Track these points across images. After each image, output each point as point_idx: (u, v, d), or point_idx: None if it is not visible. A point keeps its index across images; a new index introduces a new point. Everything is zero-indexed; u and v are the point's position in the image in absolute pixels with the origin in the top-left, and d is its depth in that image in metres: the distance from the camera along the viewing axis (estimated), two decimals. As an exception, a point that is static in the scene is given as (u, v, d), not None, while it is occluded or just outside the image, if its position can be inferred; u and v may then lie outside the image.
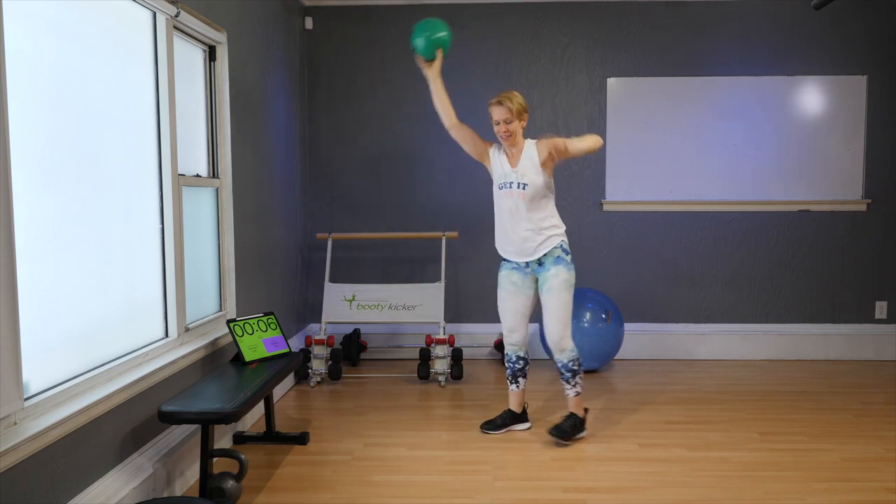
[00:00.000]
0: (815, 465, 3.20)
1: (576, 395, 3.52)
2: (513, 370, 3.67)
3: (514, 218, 3.48)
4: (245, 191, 3.91)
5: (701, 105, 5.13)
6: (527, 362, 3.67)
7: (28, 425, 2.09)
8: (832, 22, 5.06)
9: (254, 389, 2.88)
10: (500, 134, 3.47)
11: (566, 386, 3.52)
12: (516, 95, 3.46)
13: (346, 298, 4.76)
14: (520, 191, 3.45)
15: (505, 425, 3.68)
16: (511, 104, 3.41)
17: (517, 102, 3.43)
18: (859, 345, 5.19)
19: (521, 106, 3.45)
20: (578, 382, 3.51)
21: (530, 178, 3.44)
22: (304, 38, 5.18)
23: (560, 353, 3.47)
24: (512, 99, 3.42)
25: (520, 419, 3.71)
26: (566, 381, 3.51)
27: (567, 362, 3.47)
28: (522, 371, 3.67)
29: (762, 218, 5.19)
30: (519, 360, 3.65)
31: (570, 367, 3.48)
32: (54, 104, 2.32)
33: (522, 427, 3.71)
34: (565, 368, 3.49)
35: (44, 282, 2.27)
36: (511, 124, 3.43)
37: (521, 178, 3.45)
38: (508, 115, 3.41)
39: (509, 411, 3.71)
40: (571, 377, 3.49)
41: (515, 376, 3.67)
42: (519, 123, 3.45)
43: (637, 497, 2.88)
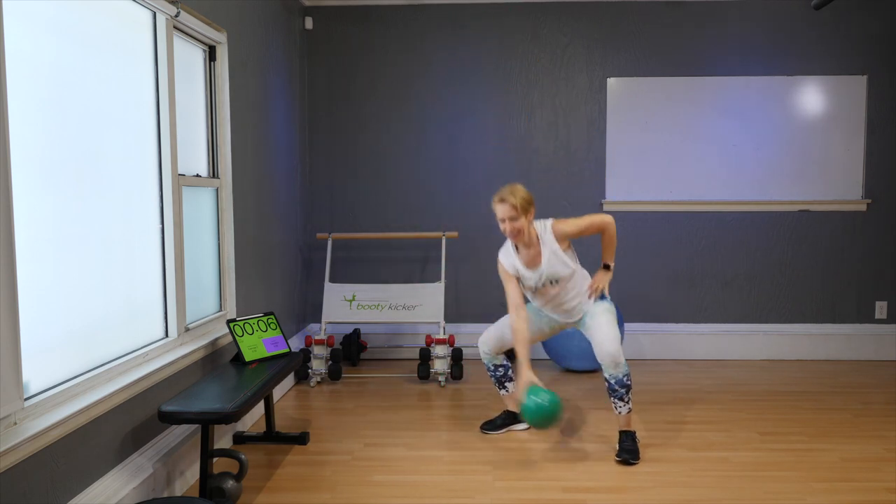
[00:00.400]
0: (815, 465, 3.20)
1: (628, 413, 3.38)
2: (496, 377, 3.67)
3: (553, 303, 3.47)
4: (245, 191, 3.91)
5: (701, 105, 5.13)
6: (507, 367, 3.68)
7: (28, 425, 2.09)
8: (832, 22, 5.06)
9: (254, 389, 2.88)
10: (507, 233, 3.30)
11: (619, 403, 3.36)
12: (518, 190, 3.27)
13: (346, 298, 4.76)
14: (553, 286, 3.40)
15: (505, 425, 3.69)
16: (514, 200, 3.22)
17: (520, 197, 3.24)
18: (859, 345, 5.19)
19: (525, 200, 3.26)
20: (630, 399, 3.37)
21: (558, 269, 3.35)
22: (304, 38, 5.18)
23: (615, 367, 3.30)
24: (515, 194, 3.24)
25: (518, 419, 3.71)
26: (619, 399, 3.35)
27: (622, 377, 3.32)
28: (506, 375, 3.67)
29: (762, 218, 5.19)
30: (497, 367, 3.65)
31: (624, 382, 3.32)
32: (54, 104, 2.32)
33: (522, 426, 3.72)
34: (619, 385, 3.32)
35: (44, 282, 2.27)
36: (517, 222, 3.24)
37: (552, 276, 3.36)
38: (513, 212, 3.23)
39: (508, 412, 3.72)
40: (626, 393, 3.34)
41: (501, 382, 3.68)
42: (525, 219, 3.26)
43: (637, 497, 2.88)
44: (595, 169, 5.20)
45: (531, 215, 3.30)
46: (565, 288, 3.41)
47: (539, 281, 3.38)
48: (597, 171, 5.20)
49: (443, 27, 5.17)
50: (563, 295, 3.43)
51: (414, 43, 5.20)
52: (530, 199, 3.30)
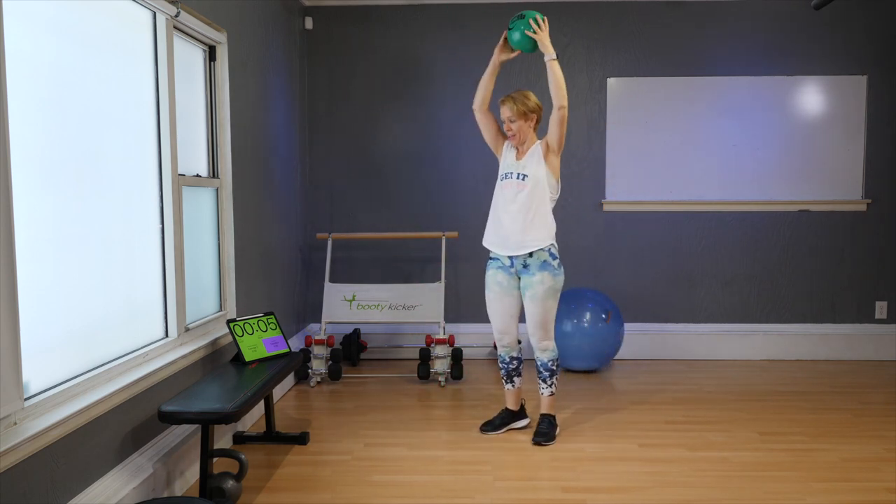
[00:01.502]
0: (815, 465, 3.20)
1: (550, 395, 3.58)
2: (507, 370, 3.68)
3: (507, 208, 3.48)
4: (245, 191, 3.91)
5: (701, 105, 5.13)
6: (521, 361, 3.69)
7: (28, 425, 2.09)
8: (832, 22, 5.06)
9: (254, 389, 2.88)
10: (506, 131, 3.53)
11: (542, 385, 3.56)
12: (527, 95, 3.49)
13: (346, 298, 4.76)
14: (518, 181, 3.47)
15: (504, 424, 3.69)
16: (514, 104, 3.45)
17: (522, 103, 3.45)
18: (859, 345, 5.19)
19: (527, 107, 3.46)
20: (555, 383, 3.57)
21: (531, 169, 3.46)
22: (304, 38, 5.18)
23: (542, 352, 3.51)
24: (517, 99, 3.46)
25: (518, 416, 3.72)
26: (543, 381, 3.56)
27: (547, 361, 3.52)
28: (517, 370, 3.68)
29: (762, 218, 5.19)
30: (513, 360, 3.66)
31: (549, 366, 3.53)
32: (54, 104, 2.32)
33: (522, 424, 3.72)
34: (544, 367, 3.53)
35: (44, 282, 2.27)
36: (514, 123, 3.46)
37: (523, 170, 3.47)
38: (511, 114, 3.46)
39: (507, 410, 3.72)
40: (549, 376, 3.54)
41: (510, 376, 3.68)
42: (525, 124, 3.47)
43: (637, 497, 2.88)
44: (595, 169, 5.20)
45: (531, 122, 3.49)
46: (526, 195, 3.43)
47: (510, 168, 3.51)
48: (597, 171, 5.20)
49: (443, 27, 5.17)
50: (516, 203, 3.44)
51: (414, 43, 5.20)
52: (535, 107, 3.49)
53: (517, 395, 3.71)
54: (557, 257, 3.49)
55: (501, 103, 3.49)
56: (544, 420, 3.57)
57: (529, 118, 3.48)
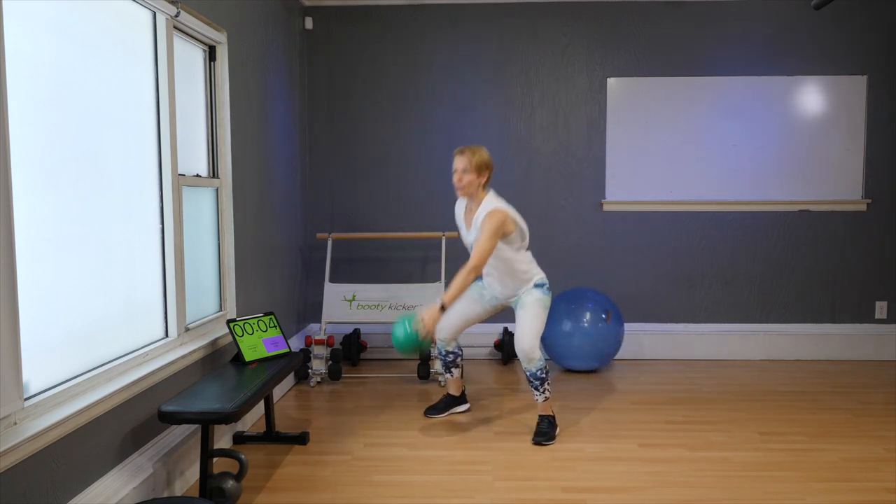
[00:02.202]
0: (815, 465, 3.20)
1: (545, 401, 3.61)
2: (445, 362, 3.89)
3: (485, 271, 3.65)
4: (245, 191, 3.91)
5: (701, 105, 5.13)
6: (458, 354, 3.87)
7: (28, 425, 2.09)
8: (832, 22, 5.06)
9: (254, 389, 2.88)
10: (455, 182, 3.53)
11: (535, 393, 3.61)
12: (480, 151, 3.51)
13: (346, 298, 4.76)
14: None
15: (448, 408, 3.96)
16: (472, 156, 3.47)
17: (477, 157, 3.48)
18: (859, 345, 5.19)
19: (482, 162, 3.48)
20: (547, 389, 3.59)
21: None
22: (304, 38, 5.18)
23: (528, 362, 3.53)
24: (474, 153, 3.49)
25: (459, 402, 3.99)
26: (535, 389, 3.59)
27: (535, 371, 3.54)
28: (454, 362, 3.88)
29: (762, 218, 5.19)
30: (448, 353, 3.86)
31: (538, 375, 3.55)
32: (54, 104, 2.32)
33: (462, 409, 4.00)
34: (534, 377, 3.56)
35: (44, 282, 2.27)
36: (466, 174, 3.48)
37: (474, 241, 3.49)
38: (466, 164, 3.47)
39: (449, 395, 3.96)
40: (539, 385, 3.57)
41: (448, 367, 3.89)
42: (475, 178, 3.48)
43: (637, 497, 2.88)
44: (595, 169, 5.20)
45: (483, 177, 3.52)
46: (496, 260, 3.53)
47: (466, 238, 3.64)
48: (597, 171, 5.20)
49: (443, 27, 5.17)
50: (495, 266, 3.57)
51: (414, 43, 5.20)
52: (487, 163, 3.52)
53: (457, 383, 3.96)
54: (545, 283, 3.63)
55: (457, 154, 3.51)
56: (543, 420, 3.60)
57: (482, 174, 3.50)
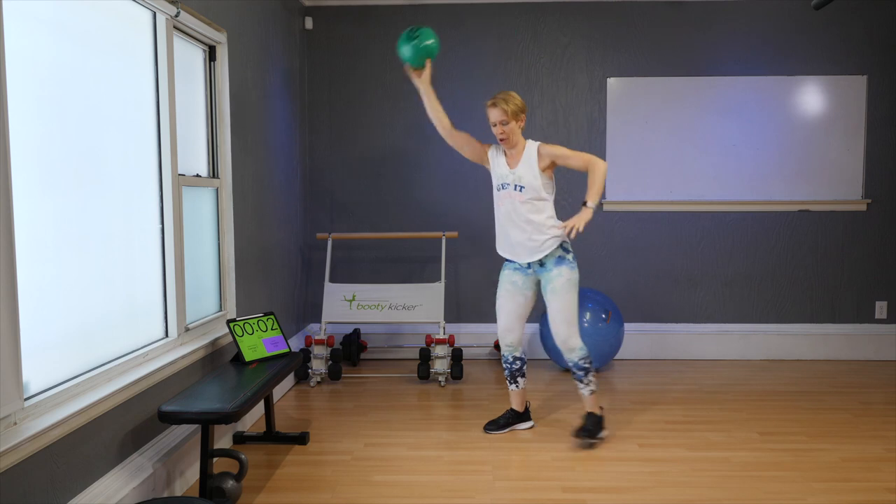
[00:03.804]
0: (815, 465, 3.20)
1: (591, 394, 3.50)
2: (510, 370, 3.66)
3: (512, 220, 3.45)
4: (245, 191, 3.91)
5: (701, 105, 5.13)
6: (524, 362, 3.66)
7: (28, 425, 2.09)
8: (832, 22, 5.06)
9: (254, 389, 2.88)
10: (497, 135, 3.43)
11: (580, 385, 3.49)
12: (513, 96, 3.40)
13: (346, 298, 4.76)
14: (517, 192, 3.42)
15: (508, 425, 3.69)
16: (506, 106, 3.36)
17: (513, 104, 3.38)
18: (859, 345, 5.19)
19: (518, 107, 3.39)
20: (592, 380, 3.48)
21: (528, 180, 3.40)
22: (304, 38, 5.18)
23: (570, 352, 3.44)
24: (507, 100, 3.38)
25: (522, 418, 3.72)
26: (579, 381, 3.48)
27: (578, 360, 3.44)
28: (521, 371, 3.66)
29: (762, 218, 5.19)
30: (516, 360, 3.64)
31: (581, 365, 3.44)
32: (54, 104, 2.32)
33: (526, 426, 3.72)
34: (577, 367, 3.46)
35: (44, 282, 2.27)
36: (507, 126, 3.38)
37: (519, 181, 3.42)
38: (504, 116, 3.37)
39: (512, 411, 3.71)
40: (584, 375, 3.46)
41: (514, 376, 3.66)
42: (516, 125, 3.40)
43: (637, 497, 2.88)
44: (595, 169, 5.19)
45: (521, 121, 3.43)
46: (527, 206, 3.41)
47: (506, 177, 3.46)
48: (597, 171, 5.19)
49: (442, 27, 5.17)
50: (519, 214, 3.42)
51: (414, 43, 5.19)
52: (523, 106, 3.44)
53: (522, 396, 3.70)
54: (571, 251, 3.48)
55: (491, 106, 3.40)
56: (590, 417, 3.51)
57: (520, 119, 3.42)
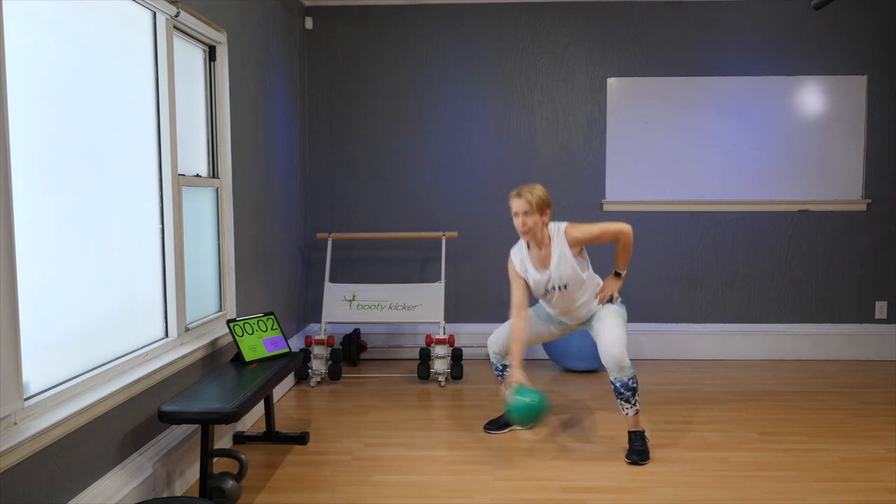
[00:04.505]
0: (815, 465, 3.20)
1: (636, 413, 3.39)
2: (502, 375, 3.70)
3: (561, 307, 3.48)
4: (245, 191, 3.91)
5: (701, 105, 5.12)
6: None
7: (28, 425, 2.09)
8: (832, 22, 5.06)
9: (254, 389, 2.88)
10: (518, 227, 3.33)
11: (626, 406, 3.37)
12: (537, 189, 3.32)
13: (346, 298, 4.76)
14: (562, 291, 3.41)
15: (508, 425, 3.69)
16: (531, 197, 3.27)
17: (537, 196, 3.29)
18: (859, 345, 5.19)
19: (542, 200, 3.30)
20: (637, 400, 3.37)
21: (568, 275, 3.35)
22: (304, 38, 5.18)
23: (620, 371, 3.31)
24: (532, 192, 3.29)
25: None
26: (626, 401, 3.35)
27: (627, 381, 3.32)
28: None
29: (762, 218, 5.19)
30: (505, 367, 3.67)
31: (629, 385, 3.32)
32: (54, 104, 2.32)
33: None
34: (625, 388, 3.32)
35: (44, 282, 2.27)
36: (530, 217, 3.28)
37: (560, 280, 3.37)
38: (528, 207, 3.27)
39: None
40: (631, 396, 3.34)
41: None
42: (539, 218, 3.30)
43: (637, 497, 2.88)
44: (595, 169, 5.20)
45: (547, 216, 3.34)
46: (574, 295, 3.42)
47: (547, 283, 3.40)
48: (597, 170, 5.20)
49: (442, 27, 5.17)
50: (571, 301, 3.44)
51: (414, 43, 5.19)
52: (548, 200, 3.34)
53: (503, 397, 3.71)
54: (619, 297, 3.50)
55: (514, 196, 3.31)
56: (637, 437, 3.37)
57: (544, 212, 3.33)
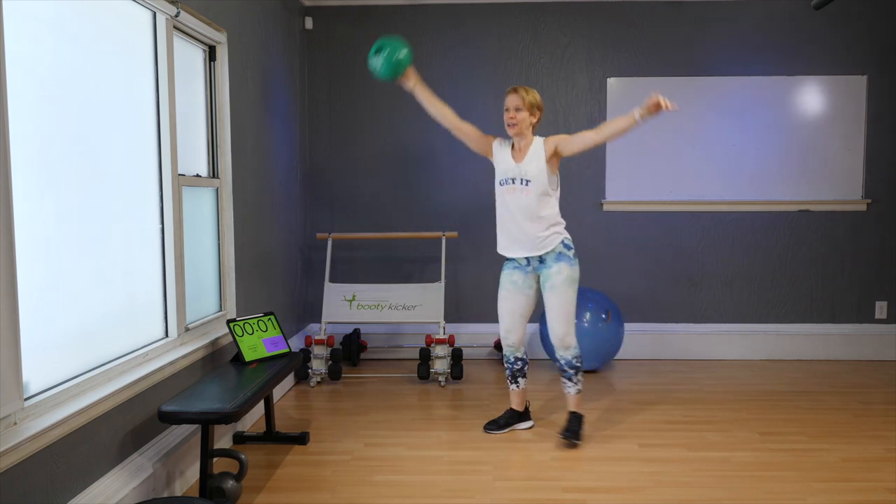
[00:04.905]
0: (815, 465, 3.20)
1: (577, 393, 3.53)
2: (511, 370, 3.66)
3: (515, 215, 3.45)
4: (245, 191, 3.91)
5: (701, 105, 5.12)
6: (525, 362, 3.67)
7: (28, 425, 2.09)
8: (832, 22, 5.06)
9: (254, 389, 2.88)
10: (507, 120, 3.44)
11: (568, 384, 3.51)
12: (533, 91, 3.47)
13: (346, 298, 4.76)
14: (523, 187, 3.42)
15: (508, 425, 3.69)
16: (525, 94, 3.42)
17: (532, 95, 3.44)
18: (859, 345, 5.19)
19: (535, 101, 3.45)
20: (580, 380, 3.51)
21: (534, 174, 3.41)
22: (304, 38, 5.18)
23: (564, 349, 3.45)
24: (528, 91, 3.44)
25: (522, 418, 3.72)
26: (568, 379, 3.50)
27: (571, 359, 3.46)
28: (522, 371, 3.66)
29: (762, 218, 5.19)
30: (517, 360, 3.64)
31: (573, 363, 3.47)
32: (54, 104, 2.32)
33: (525, 426, 3.72)
34: (568, 366, 3.47)
35: (44, 282, 2.27)
36: (520, 112, 3.41)
37: (525, 174, 3.42)
38: (519, 103, 3.41)
39: (512, 410, 3.71)
40: (574, 374, 3.49)
41: (515, 376, 3.66)
42: (528, 116, 3.42)
43: (637, 497, 2.88)
44: (595, 169, 5.20)
45: (535, 118, 3.46)
46: (531, 202, 3.41)
47: (510, 173, 3.45)
48: (597, 171, 5.20)
49: (442, 27, 5.17)
50: (526, 211, 3.41)
51: (414, 43, 5.18)
52: (540, 104, 3.48)
53: (522, 396, 3.70)
54: (572, 248, 3.49)
55: (510, 92, 3.44)
56: (574, 418, 3.53)
57: (534, 113, 3.45)
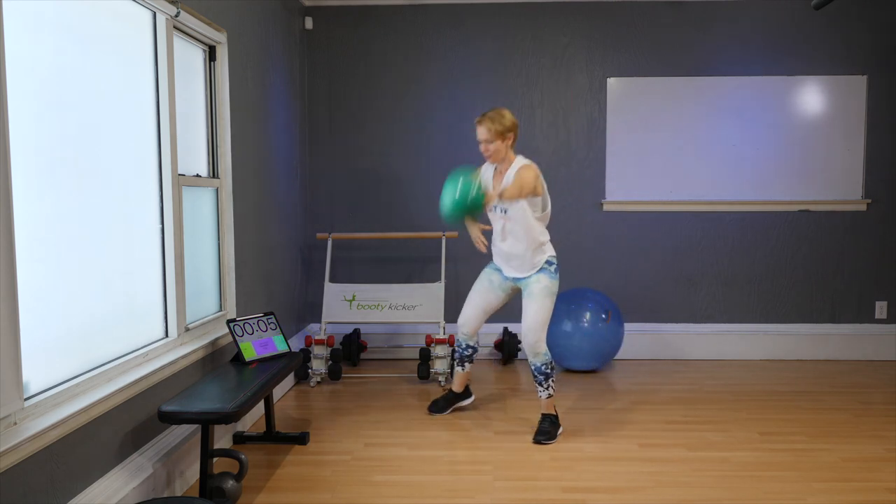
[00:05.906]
0: (815, 465, 3.20)
1: (548, 398, 3.60)
2: (461, 355, 3.87)
3: (500, 240, 3.59)
4: (245, 191, 3.91)
5: (701, 105, 5.12)
6: (475, 350, 3.87)
7: (28, 425, 2.09)
8: (832, 22, 5.06)
9: (254, 389, 2.88)
10: (482, 152, 3.50)
11: (539, 388, 3.59)
12: (501, 115, 3.43)
13: (346, 298, 4.76)
14: (502, 214, 3.52)
15: (450, 405, 3.95)
16: (491, 125, 3.40)
17: (499, 123, 3.40)
18: (859, 345, 5.19)
19: (503, 127, 3.41)
20: (551, 385, 3.58)
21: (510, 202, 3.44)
22: (304, 38, 5.18)
23: (534, 356, 3.53)
24: (494, 119, 3.41)
25: (462, 397, 3.99)
26: (539, 384, 3.58)
27: (540, 366, 3.54)
28: (470, 357, 3.88)
29: (762, 218, 5.19)
30: (468, 347, 3.85)
31: (543, 370, 3.54)
32: (54, 104, 2.32)
33: (467, 402, 4.00)
34: (538, 372, 3.55)
35: (44, 282, 2.27)
36: (491, 144, 3.44)
37: (502, 203, 3.47)
38: (488, 135, 3.42)
39: (451, 392, 3.97)
40: (545, 380, 3.56)
41: (462, 361, 3.89)
42: (501, 143, 3.44)
43: (637, 497, 2.88)
44: (595, 169, 5.20)
45: (508, 140, 3.46)
46: (516, 228, 3.48)
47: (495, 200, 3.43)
48: (597, 171, 5.20)
49: (442, 27, 5.17)
50: (514, 238, 3.50)
51: (414, 43, 5.19)
52: (509, 126, 3.43)
53: (465, 378, 3.93)
54: (555, 263, 3.58)
55: (477, 124, 3.46)
56: (546, 419, 3.59)
57: (506, 138, 3.45)
